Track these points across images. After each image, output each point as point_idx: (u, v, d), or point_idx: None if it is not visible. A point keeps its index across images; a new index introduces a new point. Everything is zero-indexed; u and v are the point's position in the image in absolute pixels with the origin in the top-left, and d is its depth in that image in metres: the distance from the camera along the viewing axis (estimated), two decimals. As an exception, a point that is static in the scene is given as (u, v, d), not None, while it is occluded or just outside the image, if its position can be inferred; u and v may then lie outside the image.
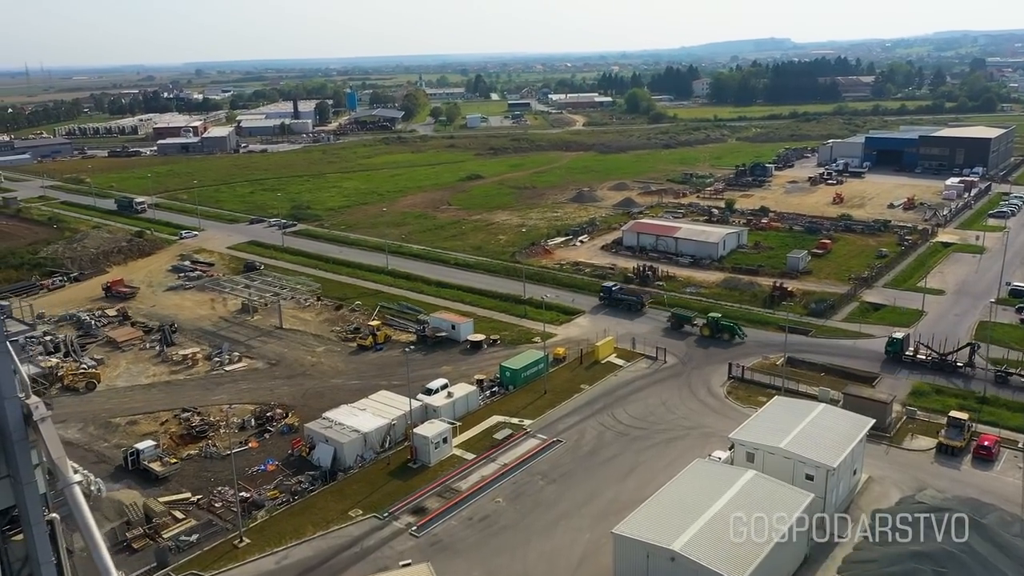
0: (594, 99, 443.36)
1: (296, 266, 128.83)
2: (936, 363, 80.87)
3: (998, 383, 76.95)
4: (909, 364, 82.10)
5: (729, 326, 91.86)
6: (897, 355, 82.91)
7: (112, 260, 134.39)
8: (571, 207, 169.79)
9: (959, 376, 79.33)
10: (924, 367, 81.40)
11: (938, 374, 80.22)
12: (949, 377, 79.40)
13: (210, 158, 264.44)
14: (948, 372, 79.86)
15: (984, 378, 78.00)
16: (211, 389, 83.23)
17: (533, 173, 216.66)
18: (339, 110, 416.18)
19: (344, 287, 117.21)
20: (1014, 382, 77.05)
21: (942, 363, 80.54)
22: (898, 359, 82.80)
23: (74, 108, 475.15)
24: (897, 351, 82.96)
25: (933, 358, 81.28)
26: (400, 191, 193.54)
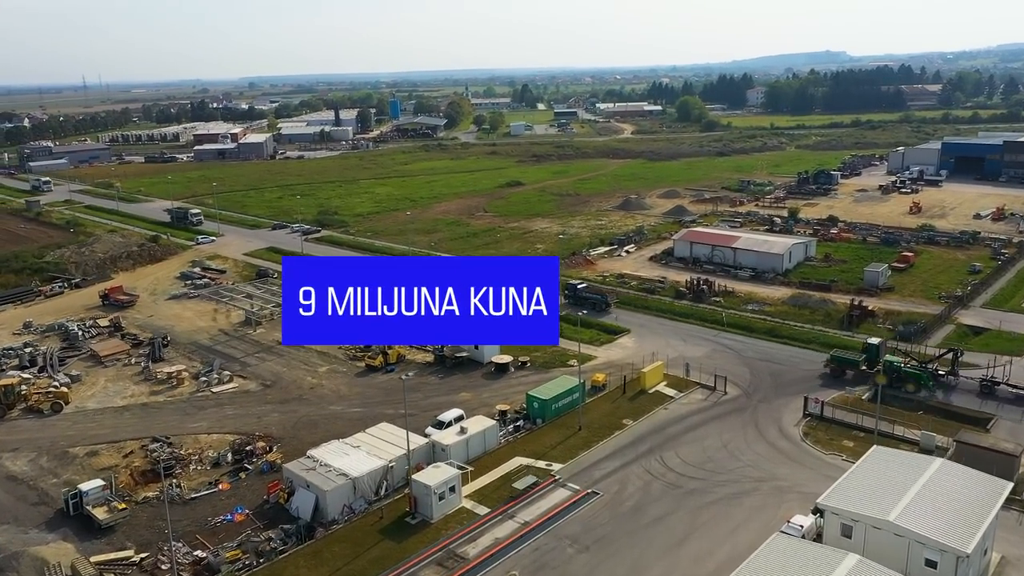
0: (643, 108, 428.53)
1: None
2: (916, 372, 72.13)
3: (983, 394, 69.06)
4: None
5: (918, 375, 70.96)
6: (872, 363, 74.46)
7: (120, 266, 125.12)
8: (616, 215, 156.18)
9: (941, 384, 71.36)
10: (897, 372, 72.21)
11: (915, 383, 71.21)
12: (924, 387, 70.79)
13: (245, 164, 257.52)
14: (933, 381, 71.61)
15: (967, 388, 70.44)
16: (191, 414, 71.70)
17: (577, 180, 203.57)
18: (382, 118, 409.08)
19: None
20: (1001, 393, 68.44)
21: (924, 372, 71.69)
22: (873, 367, 74.08)
23: (122, 117, 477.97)
24: (872, 359, 74.53)
25: (912, 366, 72.47)
26: (435, 197, 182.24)
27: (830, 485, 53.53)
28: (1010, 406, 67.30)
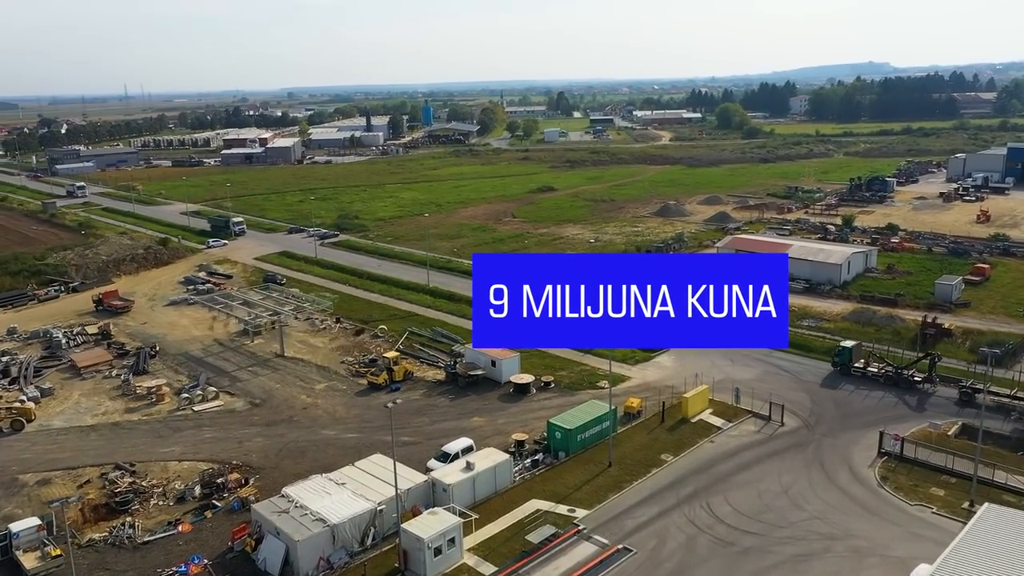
0: (682, 115, 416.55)
1: (325, 281, 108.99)
2: (890, 378, 68.75)
3: (962, 402, 63.89)
4: (859, 379, 70.26)
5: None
6: (845, 367, 71.29)
7: (123, 269, 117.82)
8: (654, 221, 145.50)
9: (919, 392, 66.75)
10: (875, 383, 69.01)
11: (891, 390, 67.45)
12: (903, 394, 66.50)
13: (271, 168, 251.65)
14: (904, 389, 67.46)
15: (944, 395, 65.68)
16: (166, 436, 62.87)
17: (612, 186, 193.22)
18: (414, 124, 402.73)
19: (373, 307, 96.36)
20: (982, 402, 60.88)
21: (897, 378, 68.34)
22: (846, 372, 71.21)
23: (158, 123, 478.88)
24: (845, 363, 71.32)
25: (887, 372, 69.07)
26: (461, 202, 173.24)
27: (919, 546, 43.24)
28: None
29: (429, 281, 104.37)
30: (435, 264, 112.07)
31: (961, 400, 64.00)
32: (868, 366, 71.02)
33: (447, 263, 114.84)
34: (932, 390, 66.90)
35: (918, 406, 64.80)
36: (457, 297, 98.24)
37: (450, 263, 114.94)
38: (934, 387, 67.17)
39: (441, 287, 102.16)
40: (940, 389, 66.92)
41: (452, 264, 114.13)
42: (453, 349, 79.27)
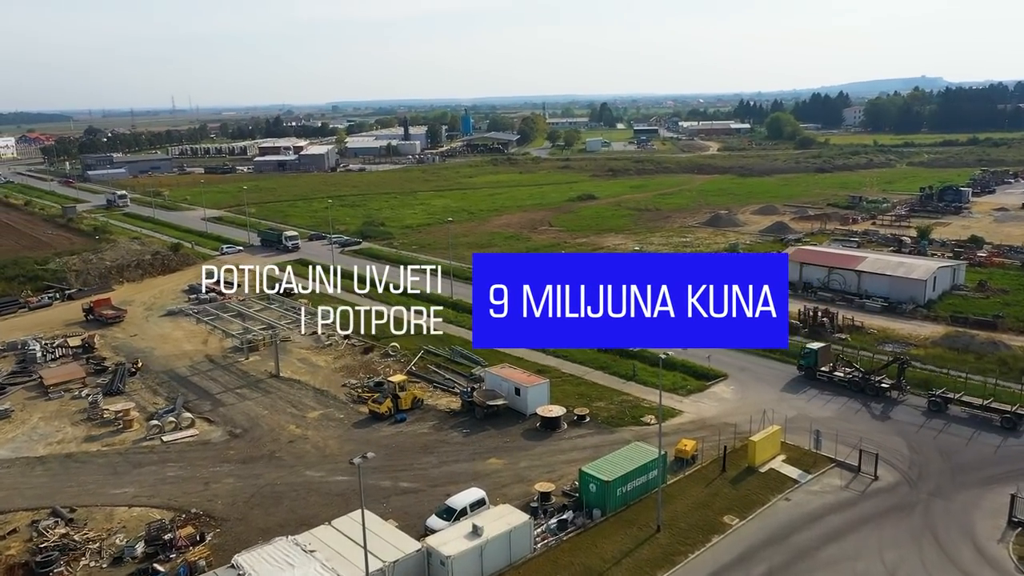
0: (730, 126, 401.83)
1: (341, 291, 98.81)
2: (857, 383, 63.29)
3: (931, 411, 58.60)
4: (825, 383, 64.82)
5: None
6: (811, 371, 65.85)
7: (127, 276, 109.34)
8: (704, 232, 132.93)
9: (886, 400, 61.08)
10: (842, 388, 63.66)
11: (858, 397, 61.91)
12: (868, 401, 61.05)
13: (304, 175, 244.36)
14: (871, 395, 62.04)
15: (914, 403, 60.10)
16: (123, 473, 52.65)
17: (657, 195, 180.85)
18: (453, 134, 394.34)
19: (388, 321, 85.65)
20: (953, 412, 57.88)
21: (864, 383, 62.86)
22: (812, 376, 65.79)
23: (199, 133, 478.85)
24: (811, 366, 65.84)
25: (854, 377, 63.80)
26: (495, 210, 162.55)
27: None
28: (960, 426, 55.95)
29: (453, 294, 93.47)
30: (455, 274, 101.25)
31: (931, 409, 58.52)
32: (835, 370, 65.26)
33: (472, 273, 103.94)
34: (901, 398, 61.26)
35: (882, 414, 58.70)
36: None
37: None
38: (903, 394, 61.56)
39: (466, 300, 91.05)
40: (910, 397, 61.22)
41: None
42: (473, 372, 68.08)
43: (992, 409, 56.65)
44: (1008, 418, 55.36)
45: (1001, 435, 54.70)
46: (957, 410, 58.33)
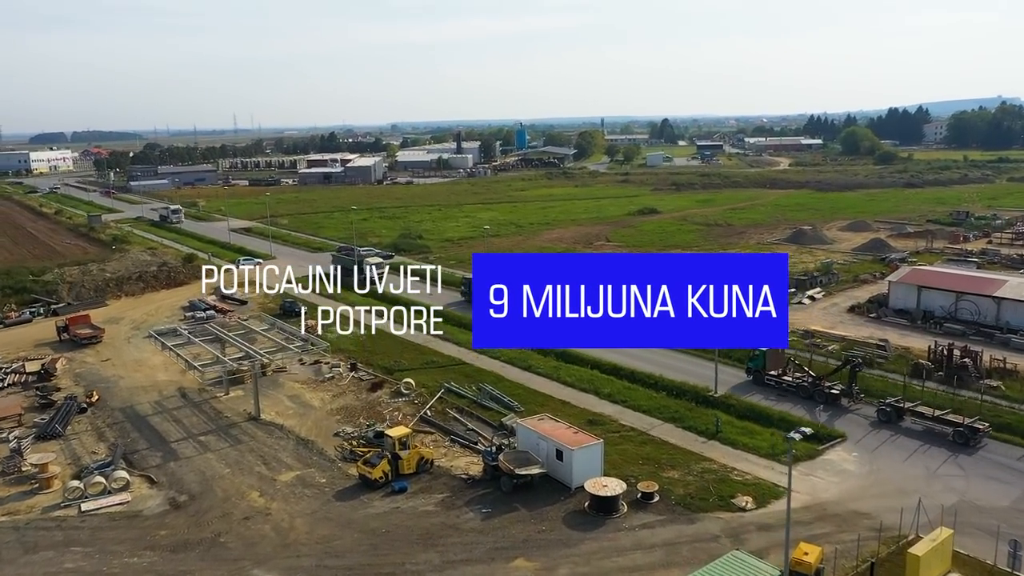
0: (800, 142, 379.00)
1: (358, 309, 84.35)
2: (806, 388, 55.61)
3: (881, 421, 50.82)
4: (774, 388, 57.44)
5: None
6: (759, 375, 58.79)
7: (126, 289, 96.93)
8: (786, 249, 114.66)
9: (836, 407, 53.45)
10: (791, 393, 55.89)
11: (804, 403, 54.30)
12: (813, 409, 53.60)
13: (348, 188, 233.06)
14: (820, 402, 54.36)
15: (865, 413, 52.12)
16: (6, 562, 38.11)
17: (727, 209, 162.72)
18: (507, 148, 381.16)
19: (407, 348, 70.55)
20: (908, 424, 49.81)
21: (813, 389, 55.03)
22: (760, 381, 58.59)
23: (254, 148, 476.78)
24: (759, 369, 58.84)
25: (803, 382, 56.13)
26: (546, 224, 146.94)
27: None
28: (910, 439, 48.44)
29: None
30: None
31: (880, 419, 51.79)
32: (784, 375, 59.01)
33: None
34: (851, 405, 54.45)
35: (828, 423, 51.86)
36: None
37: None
38: (854, 402, 54.70)
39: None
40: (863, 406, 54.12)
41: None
42: (502, 423, 52.13)
43: (946, 421, 48.88)
44: (960, 432, 47.65)
45: (950, 452, 46.59)
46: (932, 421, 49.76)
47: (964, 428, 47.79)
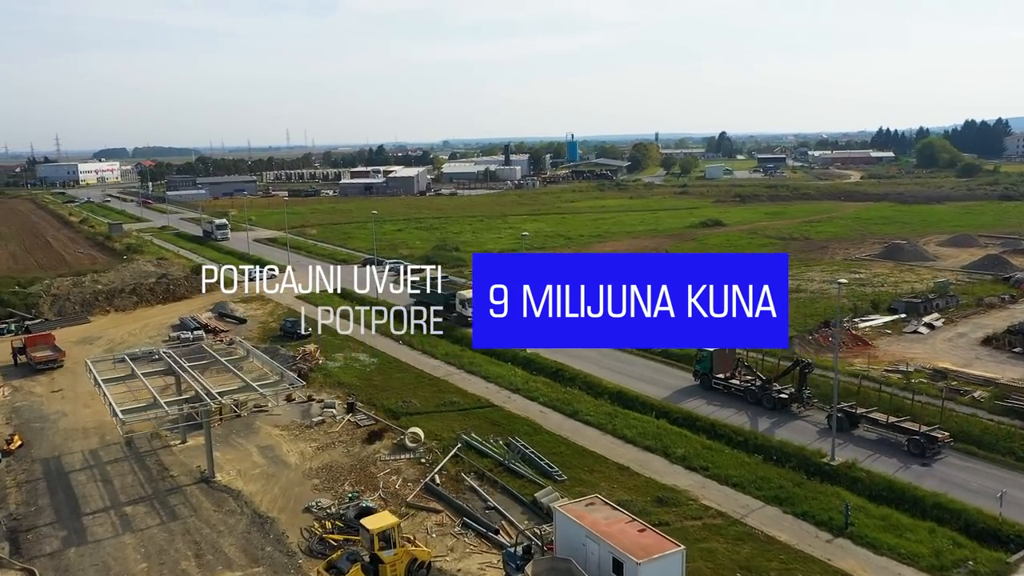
0: (870, 155, 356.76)
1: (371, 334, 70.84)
2: (755, 393, 50.62)
3: (830, 428, 43.92)
4: (720, 393, 52.43)
5: None
6: (706, 378, 53.71)
7: (116, 304, 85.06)
8: (882, 267, 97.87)
9: (784, 413, 48.26)
10: (738, 398, 51.07)
11: (750, 409, 49.40)
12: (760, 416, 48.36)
13: (388, 199, 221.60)
14: (768, 408, 49.30)
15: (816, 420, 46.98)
16: None
17: (802, 222, 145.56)
18: (558, 161, 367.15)
19: (424, 382, 56.44)
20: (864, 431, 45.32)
21: (762, 393, 49.82)
22: (707, 384, 53.52)
23: (302, 162, 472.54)
24: (706, 372, 53.70)
25: (751, 386, 51.33)
26: (599, 236, 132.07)
27: None
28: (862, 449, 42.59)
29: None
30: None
31: (830, 427, 43.87)
32: (733, 377, 53.38)
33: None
34: (801, 411, 48.58)
35: (771, 430, 45.26)
36: (569, 373, 56.81)
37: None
38: (804, 407, 48.86)
39: (546, 355, 60.67)
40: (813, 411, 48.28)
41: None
42: (535, 499, 37.38)
43: (900, 429, 43.85)
44: (916, 441, 42.38)
45: (901, 463, 40.90)
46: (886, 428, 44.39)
47: (920, 437, 42.54)
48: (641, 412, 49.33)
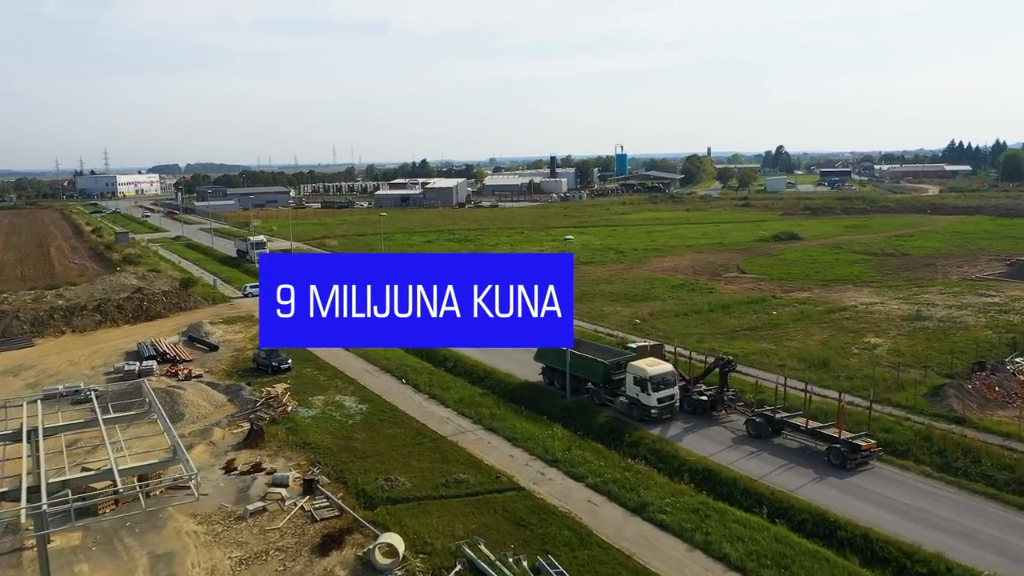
0: (944, 168, 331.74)
1: (367, 365, 54.84)
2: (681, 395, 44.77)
3: (751, 435, 40.21)
4: None
5: None
6: (614, 388, 45.98)
7: (75, 323, 70.46)
8: (1016, 288, 78.45)
9: (705, 418, 43.02)
10: None
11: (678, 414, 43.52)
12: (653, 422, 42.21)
13: (425, 210, 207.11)
14: (689, 411, 43.71)
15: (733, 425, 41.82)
16: None
17: (890, 236, 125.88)
18: (606, 174, 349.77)
19: (422, 448, 39.87)
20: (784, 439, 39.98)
21: (683, 396, 44.07)
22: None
23: (344, 176, 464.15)
24: (607, 380, 45.75)
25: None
26: (655, 250, 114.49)
27: None
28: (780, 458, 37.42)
29: (570, 391, 46.59)
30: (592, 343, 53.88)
31: (750, 433, 40.32)
32: None
33: (620, 342, 56.07)
34: (723, 417, 43.02)
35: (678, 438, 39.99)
36: (632, 438, 39.78)
37: (625, 342, 56.08)
38: (727, 411, 43.35)
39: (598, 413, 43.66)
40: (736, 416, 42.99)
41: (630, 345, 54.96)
42: None
43: (822, 436, 37.87)
44: (836, 450, 36.33)
45: (816, 475, 35.18)
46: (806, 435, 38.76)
47: (840, 445, 36.47)
48: (741, 506, 32.13)
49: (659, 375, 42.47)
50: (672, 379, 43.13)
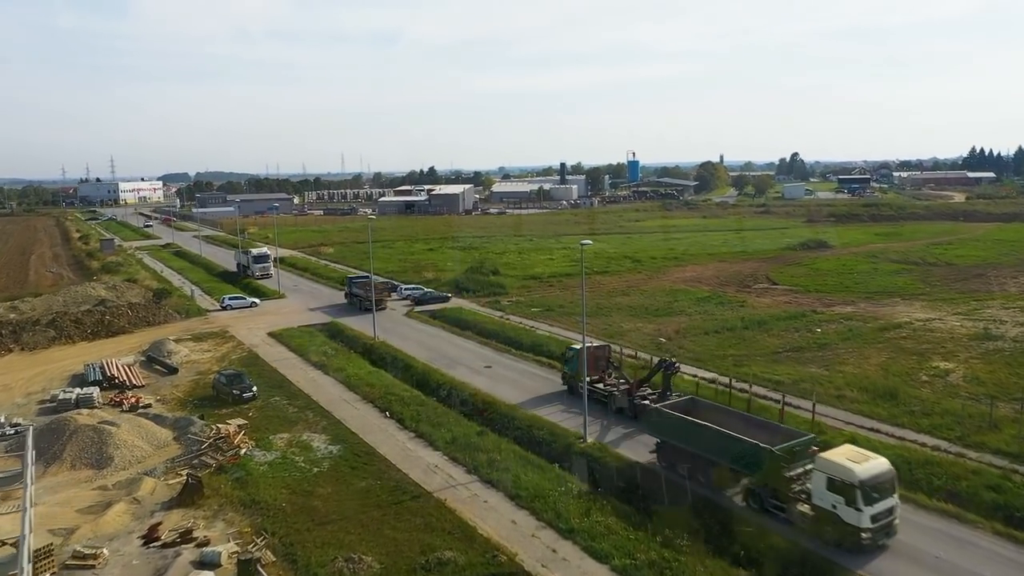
0: (966, 175, 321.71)
1: (342, 398, 46.46)
2: (618, 398, 42.06)
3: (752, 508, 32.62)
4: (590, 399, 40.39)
5: None
6: (573, 381, 44.63)
7: (24, 340, 62.41)
8: (1088, 302, 69.36)
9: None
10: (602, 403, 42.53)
11: (612, 418, 41.20)
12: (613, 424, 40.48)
13: (430, 217, 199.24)
14: (631, 415, 40.74)
15: None
16: None
17: (928, 244, 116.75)
18: (618, 181, 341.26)
19: (402, 503, 31.37)
20: None
21: (628, 401, 41.48)
22: (574, 389, 44.15)
23: (350, 183, 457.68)
24: (573, 374, 44.68)
25: (617, 390, 42.60)
26: (674, 259, 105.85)
27: None
28: None
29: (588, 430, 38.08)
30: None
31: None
32: (601, 381, 44.18)
33: (644, 367, 47.39)
34: None
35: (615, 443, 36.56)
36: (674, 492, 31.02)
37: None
38: None
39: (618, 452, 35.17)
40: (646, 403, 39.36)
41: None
42: None
43: None
44: None
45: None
46: None
47: None
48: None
49: (873, 478, 27.42)
50: (892, 484, 28.20)
